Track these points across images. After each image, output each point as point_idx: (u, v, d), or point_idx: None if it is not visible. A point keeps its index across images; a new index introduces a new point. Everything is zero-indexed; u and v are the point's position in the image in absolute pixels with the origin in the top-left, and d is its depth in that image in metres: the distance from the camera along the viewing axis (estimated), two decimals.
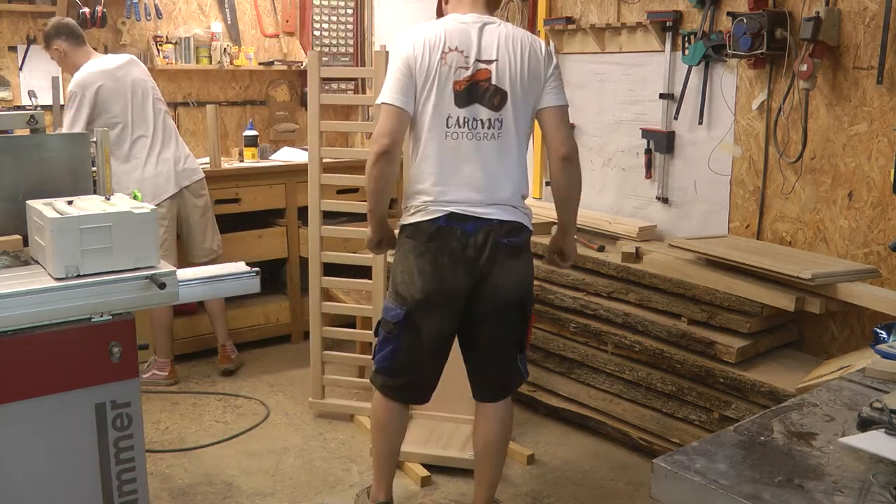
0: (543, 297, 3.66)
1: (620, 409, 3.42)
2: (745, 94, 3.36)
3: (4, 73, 4.72)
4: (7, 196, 2.43)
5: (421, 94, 2.48)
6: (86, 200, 2.32)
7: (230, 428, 3.66)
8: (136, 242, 2.17)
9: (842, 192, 3.09)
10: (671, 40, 3.59)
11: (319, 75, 3.56)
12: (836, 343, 3.18)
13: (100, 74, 3.80)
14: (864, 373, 1.80)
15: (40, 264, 2.21)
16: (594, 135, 4.04)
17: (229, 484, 3.19)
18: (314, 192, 3.61)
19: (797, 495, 1.27)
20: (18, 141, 2.53)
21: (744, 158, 3.40)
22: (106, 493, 2.16)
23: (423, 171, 2.52)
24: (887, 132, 2.93)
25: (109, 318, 2.10)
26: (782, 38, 3.10)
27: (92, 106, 3.76)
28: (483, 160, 2.49)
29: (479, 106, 2.48)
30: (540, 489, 3.15)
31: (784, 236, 3.30)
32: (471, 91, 2.47)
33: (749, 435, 1.49)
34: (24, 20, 4.75)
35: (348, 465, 3.33)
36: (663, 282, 3.25)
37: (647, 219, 3.79)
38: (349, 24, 5.53)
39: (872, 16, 2.92)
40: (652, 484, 1.38)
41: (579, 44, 4.03)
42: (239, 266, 2.44)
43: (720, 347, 3.03)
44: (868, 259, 3.03)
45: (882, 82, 2.88)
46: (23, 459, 2.05)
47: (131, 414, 2.16)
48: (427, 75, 2.47)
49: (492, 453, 2.73)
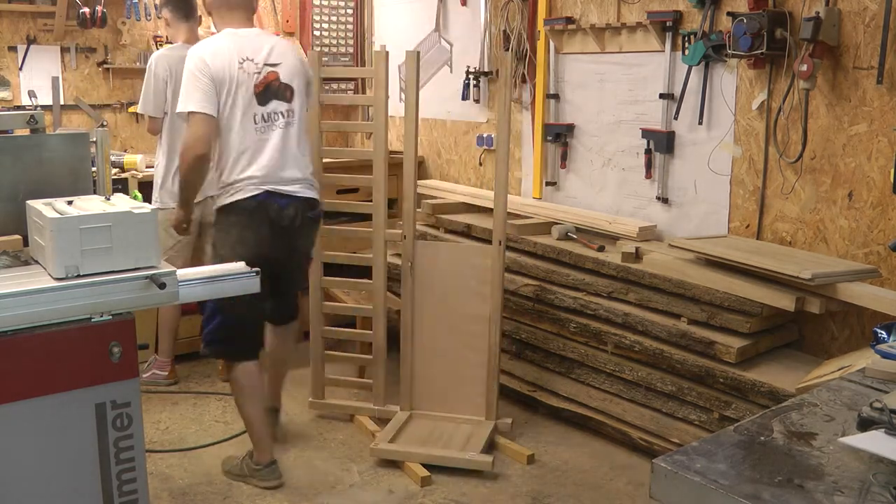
0: (543, 296, 3.66)
1: (620, 409, 3.42)
2: (745, 94, 3.36)
3: (4, 73, 4.72)
4: (7, 196, 2.42)
5: (227, 99, 2.93)
6: (86, 200, 2.31)
7: (230, 428, 3.66)
8: (136, 242, 2.17)
9: (842, 192, 3.09)
10: (671, 40, 3.59)
11: (319, 75, 3.57)
12: (836, 343, 3.18)
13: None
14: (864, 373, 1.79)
15: (40, 264, 2.20)
16: (594, 135, 4.04)
17: (229, 484, 3.19)
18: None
19: (797, 495, 1.27)
20: (18, 141, 2.53)
21: (744, 158, 3.40)
22: (106, 493, 2.15)
23: (239, 161, 2.98)
24: (887, 132, 2.93)
25: (109, 318, 2.10)
26: (782, 38, 3.10)
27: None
28: (285, 146, 3.04)
29: (276, 101, 3.03)
30: (540, 489, 3.15)
31: (784, 236, 3.30)
32: (267, 90, 3.00)
33: (749, 435, 1.49)
34: (24, 20, 4.75)
35: (348, 465, 3.33)
36: (663, 282, 3.25)
37: (647, 219, 3.79)
38: (349, 24, 5.53)
39: (872, 16, 2.92)
40: (652, 484, 1.38)
41: (579, 44, 4.02)
42: (239, 266, 2.44)
43: (720, 347, 3.02)
44: (868, 259, 3.03)
45: (882, 82, 2.88)
46: (23, 459, 2.05)
47: (131, 414, 2.16)
48: (229, 83, 2.92)
49: (285, 360, 3.47)
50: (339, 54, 5.53)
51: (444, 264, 3.47)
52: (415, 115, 3.45)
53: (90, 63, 4.97)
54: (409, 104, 3.47)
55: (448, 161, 4.96)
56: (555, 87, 4.19)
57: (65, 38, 4.86)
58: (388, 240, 3.59)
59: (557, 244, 3.74)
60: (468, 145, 4.80)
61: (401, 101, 4.87)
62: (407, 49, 3.56)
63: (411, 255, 3.56)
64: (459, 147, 4.87)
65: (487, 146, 4.64)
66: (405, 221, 3.55)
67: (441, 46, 4.87)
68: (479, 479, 3.19)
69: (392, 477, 3.23)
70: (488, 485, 3.17)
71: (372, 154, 3.57)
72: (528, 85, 4.30)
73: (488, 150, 4.64)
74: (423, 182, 4.77)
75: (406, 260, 3.57)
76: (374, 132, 3.56)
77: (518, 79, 4.31)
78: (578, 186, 4.16)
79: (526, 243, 3.85)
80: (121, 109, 5.08)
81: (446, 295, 3.47)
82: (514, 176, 4.47)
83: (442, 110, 4.92)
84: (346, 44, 5.54)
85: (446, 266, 3.41)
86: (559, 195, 4.26)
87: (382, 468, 3.29)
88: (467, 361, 3.51)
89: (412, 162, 3.48)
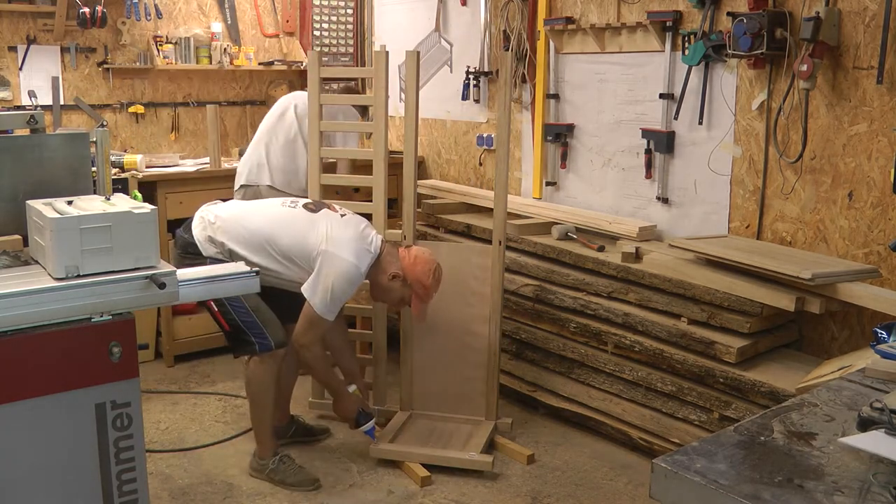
0: (543, 297, 3.66)
1: (620, 409, 3.42)
2: (745, 94, 3.36)
3: (4, 73, 4.72)
4: (7, 196, 2.42)
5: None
6: (86, 200, 2.31)
7: (230, 428, 3.66)
8: (136, 242, 2.17)
9: (842, 192, 3.09)
10: (671, 40, 3.59)
11: (319, 75, 3.57)
12: (836, 343, 3.18)
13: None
14: (864, 373, 1.80)
15: (40, 264, 2.20)
16: (594, 135, 4.04)
17: (229, 484, 3.19)
18: (314, 192, 3.61)
19: (797, 495, 1.27)
20: (18, 141, 2.53)
21: (744, 158, 3.40)
22: (106, 493, 2.15)
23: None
24: (887, 132, 2.93)
25: (109, 318, 2.10)
26: (782, 38, 3.10)
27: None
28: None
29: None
30: (540, 489, 3.15)
31: (784, 236, 3.30)
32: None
33: (749, 435, 1.49)
34: (24, 20, 4.75)
35: (348, 465, 3.33)
36: (663, 282, 3.25)
37: (647, 219, 3.79)
38: (349, 24, 5.53)
39: (872, 16, 2.91)
40: (652, 484, 1.38)
41: (579, 44, 4.02)
42: (239, 266, 2.44)
43: (720, 347, 3.02)
44: (868, 259, 3.03)
45: (882, 82, 2.88)
46: (23, 459, 2.05)
47: (131, 414, 2.16)
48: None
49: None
50: (339, 54, 5.53)
51: (444, 264, 3.46)
52: (415, 115, 3.45)
53: (90, 63, 4.98)
54: (409, 104, 3.47)
55: (448, 161, 4.96)
56: (555, 87, 4.19)
57: (65, 38, 4.86)
58: (387, 240, 3.58)
59: (557, 244, 3.74)
60: (468, 145, 4.80)
61: (401, 101, 4.87)
62: (407, 49, 3.56)
63: None
64: (459, 147, 4.87)
65: (487, 146, 4.64)
66: (405, 221, 3.55)
67: (441, 46, 4.87)
68: (479, 479, 3.19)
69: (392, 477, 3.23)
70: (488, 485, 3.17)
71: (372, 154, 3.57)
72: (528, 85, 4.30)
73: (488, 150, 4.64)
74: (423, 182, 4.77)
75: None
76: (374, 132, 3.56)
77: (518, 79, 4.31)
78: (578, 186, 4.16)
79: (526, 243, 3.85)
80: (121, 109, 5.08)
81: (446, 295, 3.47)
82: (514, 176, 4.47)
83: (442, 110, 4.92)
84: (346, 44, 5.54)
85: (446, 266, 3.40)
86: (559, 195, 4.26)
87: (382, 468, 3.29)
88: (467, 361, 3.51)
89: (412, 162, 3.48)
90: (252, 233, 3.00)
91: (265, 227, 3.02)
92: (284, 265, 3.00)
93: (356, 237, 3.03)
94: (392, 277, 3.09)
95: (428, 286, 3.12)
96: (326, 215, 3.07)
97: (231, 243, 2.99)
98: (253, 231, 3.01)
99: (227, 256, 2.97)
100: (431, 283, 3.13)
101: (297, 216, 3.06)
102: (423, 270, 3.10)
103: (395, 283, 3.10)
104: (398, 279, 3.09)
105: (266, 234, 3.00)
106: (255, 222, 3.04)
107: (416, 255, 3.14)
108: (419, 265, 3.10)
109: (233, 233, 3.00)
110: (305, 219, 3.05)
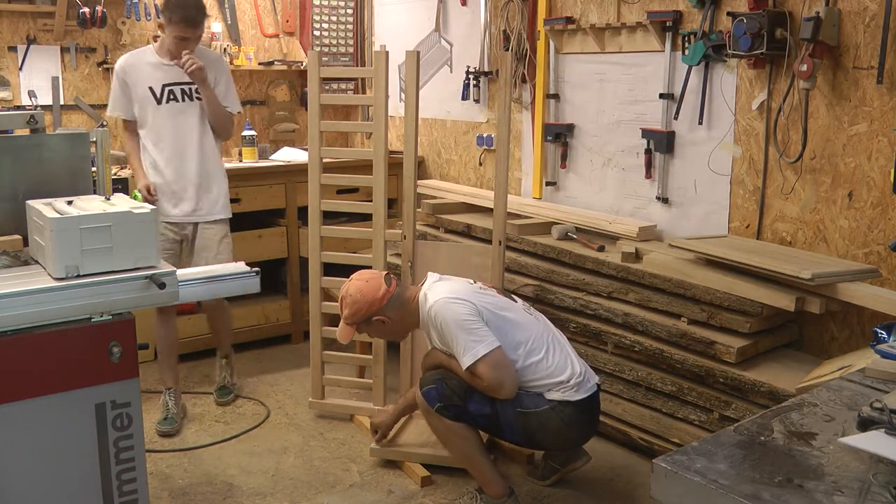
0: (543, 297, 3.66)
1: (620, 409, 3.42)
2: (745, 94, 3.36)
3: (4, 73, 4.72)
4: (7, 196, 2.43)
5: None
6: (86, 200, 2.32)
7: (230, 428, 3.67)
8: (136, 242, 2.17)
9: (842, 192, 3.09)
10: (671, 40, 3.59)
11: (319, 75, 3.57)
12: (836, 343, 3.18)
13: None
14: (864, 373, 1.80)
15: (40, 264, 2.21)
16: (594, 135, 4.04)
17: (229, 484, 3.19)
18: (314, 192, 3.61)
19: (797, 495, 1.27)
20: (18, 141, 2.53)
21: (744, 158, 3.40)
22: (106, 493, 2.16)
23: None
24: (887, 132, 2.93)
25: (109, 318, 2.10)
26: (782, 38, 3.10)
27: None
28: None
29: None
30: (540, 489, 3.15)
31: (784, 236, 3.30)
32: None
33: (749, 435, 1.49)
34: (24, 20, 4.75)
35: (348, 465, 3.33)
36: (663, 282, 3.25)
37: (647, 219, 3.79)
38: (349, 24, 5.53)
39: (872, 16, 2.91)
40: (652, 484, 1.38)
41: (579, 44, 4.02)
42: (239, 266, 2.44)
43: (720, 347, 3.02)
44: (868, 259, 3.03)
45: (882, 82, 2.88)
46: (23, 459, 2.05)
47: (131, 414, 2.16)
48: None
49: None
50: (339, 54, 5.53)
51: (445, 264, 3.46)
52: (415, 115, 3.45)
53: (90, 63, 4.98)
54: (409, 104, 3.47)
55: (448, 161, 4.96)
56: (555, 87, 4.19)
57: (65, 38, 4.86)
58: (387, 240, 3.59)
59: (557, 244, 3.74)
60: (468, 145, 4.80)
61: (401, 101, 4.87)
62: (407, 49, 3.56)
63: (411, 255, 3.56)
64: (459, 147, 4.87)
65: (487, 146, 4.64)
66: (405, 221, 3.55)
67: (441, 46, 4.87)
68: None
69: (392, 477, 3.23)
70: None
71: (372, 154, 3.57)
72: (528, 85, 4.30)
73: (488, 150, 4.64)
74: (422, 182, 4.77)
75: (406, 260, 3.57)
76: (374, 132, 3.56)
77: (518, 79, 4.31)
78: (578, 186, 4.16)
79: (526, 243, 3.85)
80: None
81: None
82: (514, 176, 4.47)
83: (442, 110, 4.92)
84: (346, 44, 5.54)
85: (446, 266, 3.40)
86: (559, 195, 4.26)
87: (382, 468, 3.29)
88: None
89: (412, 162, 3.48)
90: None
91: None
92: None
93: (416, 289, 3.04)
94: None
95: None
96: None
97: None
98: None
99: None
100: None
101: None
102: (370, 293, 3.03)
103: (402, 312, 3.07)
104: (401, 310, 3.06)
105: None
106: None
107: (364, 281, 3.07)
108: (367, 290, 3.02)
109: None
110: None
